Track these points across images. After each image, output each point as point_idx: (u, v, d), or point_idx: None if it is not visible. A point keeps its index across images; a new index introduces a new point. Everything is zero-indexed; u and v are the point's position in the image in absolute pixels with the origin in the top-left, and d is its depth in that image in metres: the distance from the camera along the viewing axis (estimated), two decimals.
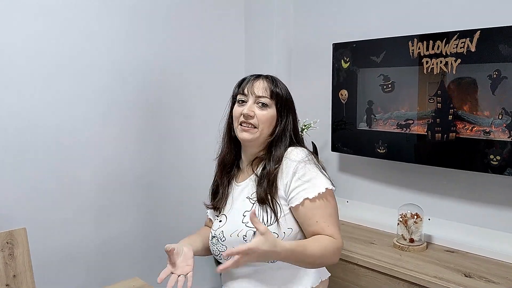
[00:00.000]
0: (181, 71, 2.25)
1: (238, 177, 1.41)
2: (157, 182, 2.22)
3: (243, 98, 1.34)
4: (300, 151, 1.30)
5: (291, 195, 1.25)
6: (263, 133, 1.32)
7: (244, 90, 1.34)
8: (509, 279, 1.51)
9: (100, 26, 1.96)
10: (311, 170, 1.26)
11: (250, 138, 1.31)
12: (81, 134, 1.94)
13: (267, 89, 1.32)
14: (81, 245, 1.98)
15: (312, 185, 1.24)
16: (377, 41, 1.89)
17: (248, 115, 1.30)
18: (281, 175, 1.27)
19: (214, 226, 1.37)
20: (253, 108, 1.31)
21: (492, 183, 1.71)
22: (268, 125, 1.32)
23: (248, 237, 1.24)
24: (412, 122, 1.81)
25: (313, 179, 1.25)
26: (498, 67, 1.54)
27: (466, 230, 1.80)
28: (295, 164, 1.26)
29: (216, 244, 1.33)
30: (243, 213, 1.30)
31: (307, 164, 1.27)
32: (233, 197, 1.37)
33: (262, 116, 1.31)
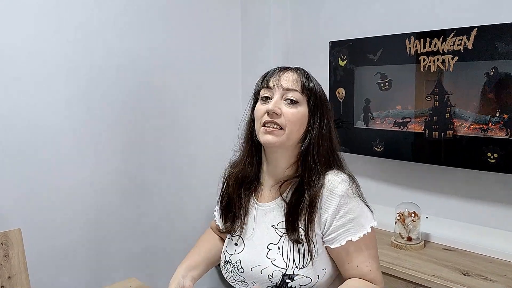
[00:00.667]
0: (177, 69, 2.24)
1: (260, 194, 1.15)
2: (153, 183, 2.21)
3: (267, 94, 1.08)
4: (343, 181, 1.05)
5: (331, 235, 1.04)
6: (291, 137, 1.06)
7: (269, 83, 1.09)
8: (507, 277, 1.51)
9: (96, 25, 1.94)
10: (356, 206, 1.04)
11: (275, 142, 1.05)
12: (77, 134, 1.93)
13: (297, 82, 1.07)
14: (77, 246, 1.97)
15: (357, 224, 1.04)
16: (374, 39, 1.88)
17: (273, 112, 1.04)
18: (319, 208, 1.04)
19: (228, 249, 1.15)
20: (280, 105, 1.05)
21: (490, 181, 1.71)
22: (298, 127, 1.06)
23: (275, 278, 1.04)
24: (409, 120, 1.81)
25: (358, 217, 1.04)
26: (495, 65, 1.53)
27: (464, 228, 1.79)
28: (338, 199, 1.03)
29: (231, 271, 1.13)
30: (267, 245, 1.08)
31: (352, 198, 1.04)
32: (255, 220, 1.13)
33: (290, 115, 1.05)
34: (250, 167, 1.14)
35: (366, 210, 1.06)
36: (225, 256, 1.16)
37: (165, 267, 2.26)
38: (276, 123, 1.05)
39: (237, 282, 1.13)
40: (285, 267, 1.04)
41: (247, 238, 1.13)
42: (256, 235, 1.12)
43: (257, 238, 1.11)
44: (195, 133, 2.35)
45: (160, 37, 2.16)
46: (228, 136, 2.50)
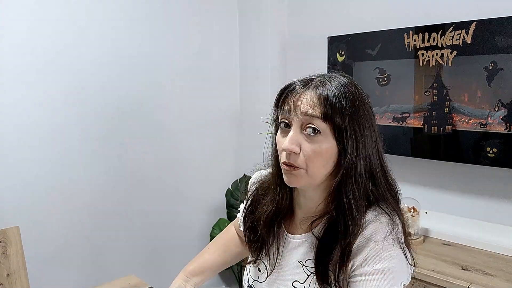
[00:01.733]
0: (174, 65, 2.23)
1: (290, 224, 1.00)
2: (152, 179, 2.20)
3: (286, 119, 0.87)
4: (382, 225, 0.86)
5: (356, 279, 0.86)
6: (317, 175, 0.87)
7: (284, 108, 0.86)
8: (506, 271, 1.51)
9: (92, 25, 1.93)
10: (394, 255, 0.85)
11: (296, 184, 0.89)
12: (74, 132, 1.92)
13: (316, 106, 0.83)
14: (75, 244, 1.96)
15: (388, 277, 0.85)
16: (372, 34, 1.88)
17: (290, 152, 0.85)
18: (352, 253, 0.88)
19: (251, 272, 1.04)
20: (299, 139, 0.85)
21: (489, 176, 1.71)
22: (324, 163, 0.86)
23: None
24: (408, 115, 1.80)
25: (393, 269, 0.85)
26: (494, 59, 1.53)
27: (463, 223, 1.79)
28: (372, 245, 0.85)
29: None
30: (292, 282, 0.96)
31: (390, 245, 0.85)
32: (283, 251, 0.99)
33: (311, 152, 0.84)
34: (283, 197, 0.97)
35: (405, 263, 0.87)
36: (248, 279, 1.06)
37: (164, 264, 2.26)
38: (293, 164, 0.86)
39: None
40: None
41: (271, 269, 1.00)
42: (281, 268, 0.99)
43: (282, 271, 0.98)
44: (194, 130, 2.34)
45: (157, 33, 2.15)
46: (227, 133, 2.50)
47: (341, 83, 0.86)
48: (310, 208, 0.94)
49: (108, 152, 2.03)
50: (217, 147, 2.45)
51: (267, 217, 0.98)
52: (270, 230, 0.99)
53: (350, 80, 0.89)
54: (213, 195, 2.45)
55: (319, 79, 0.87)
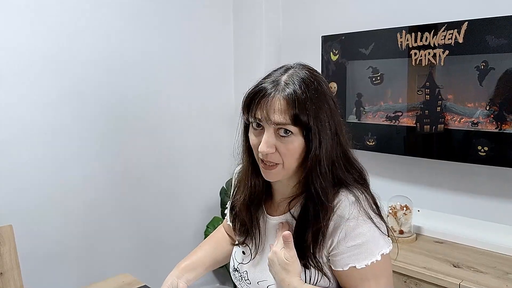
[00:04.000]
0: (169, 64, 2.23)
1: (270, 206, 1.08)
2: (146, 178, 2.20)
3: (257, 126, 0.96)
4: (353, 203, 0.94)
5: (336, 258, 0.95)
6: (291, 167, 0.96)
7: (258, 115, 0.94)
8: (497, 268, 1.53)
9: (88, 24, 1.93)
10: (366, 231, 0.93)
11: (276, 179, 0.98)
12: (68, 131, 1.92)
13: (288, 112, 0.91)
14: (70, 242, 1.96)
15: (364, 251, 0.93)
16: (366, 33, 1.89)
17: (266, 154, 0.94)
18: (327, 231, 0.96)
19: (237, 256, 1.11)
20: (273, 141, 0.93)
21: (480, 174, 1.73)
22: (297, 157, 0.95)
23: None
24: (401, 114, 1.82)
25: (367, 243, 0.93)
26: (486, 58, 1.54)
27: (454, 221, 1.81)
28: (346, 223, 0.93)
29: (239, 280, 1.10)
30: None
31: (362, 222, 0.93)
32: (265, 232, 1.07)
33: (285, 150, 0.93)
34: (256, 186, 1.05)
35: (378, 235, 0.94)
36: (234, 263, 1.12)
37: (159, 262, 2.27)
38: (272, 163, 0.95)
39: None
40: None
41: (254, 250, 1.08)
42: (263, 248, 1.06)
43: (265, 252, 1.05)
44: (188, 128, 2.34)
45: (152, 33, 2.15)
46: (222, 131, 2.51)
47: (303, 79, 0.94)
48: (285, 191, 1.03)
49: (102, 151, 2.03)
50: (211, 146, 2.45)
51: (242, 203, 1.07)
52: (249, 214, 1.06)
53: (310, 72, 0.97)
54: (207, 194, 2.46)
55: (284, 79, 0.94)
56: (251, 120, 0.96)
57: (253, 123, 0.97)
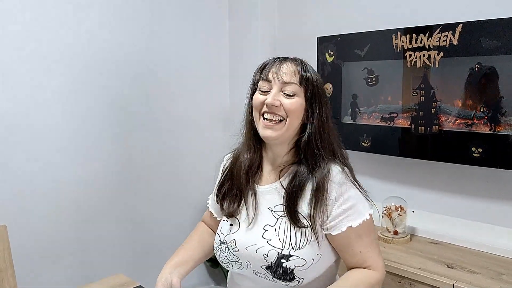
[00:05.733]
0: (163, 64, 2.23)
1: (259, 178, 1.19)
2: (141, 178, 2.20)
3: (266, 87, 1.10)
4: (341, 171, 1.09)
5: (332, 223, 1.07)
6: (291, 127, 1.09)
7: (268, 75, 1.10)
8: (490, 269, 1.54)
9: (84, 23, 1.92)
10: (354, 194, 1.09)
11: (275, 136, 1.08)
12: (62, 131, 1.91)
13: (296, 74, 1.09)
14: (64, 242, 1.95)
15: (356, 211, 1.08)
16: (361, 34, 1.89)
17: (272, 105, 1.06)
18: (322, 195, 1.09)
19: (223, 230, 1.18)
20: (279, 97, 1.08)
21: (474, 175, 1.74)
22: (297, 117, 1.09)
23: (270, 257, 1.07)
24: (396, 115, 1.83)
25: (357, 204, 1.08)
26: (480, 60, 1.55)
27: (449, 222, 1.82)
28: (337, 188, 1.07)
29: (225, 251, 1.15)
30: (263, 226, 1.12)
31: (350, 187, 1.09)
32: (254, 202, 1.16)
33: (290, 105, 1.07)
34: (255, 153, 1.17)
35: (363, 198, 1.10)
36: (220, 237, 1.17)
37: (153, 262, 2.26)
38: (276, 114, 1.08)
39: (230, 263, 1.15)
40: (281, 247, 1.07)
41: (243, 220, 1.16)
42: (252, 216, 1.14)
43: (254, 219, 1.14)
44: (184, 128, 2.34)
45: (146, 33, 2.15)
46: (217, 132, 2.50)
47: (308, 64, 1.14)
48: (276, 160, 1.15)
49: (96, 151, 2.02)
50: (206, 146, 2.45)
51: (244, 168, 1.16)
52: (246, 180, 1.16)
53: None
54: (202, 194, 2.43)
55: (293, 57, 1.14)
56: (261, 83, 1.11)
57: (261, 88, 1.11)
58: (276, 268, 1.06)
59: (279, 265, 1.06)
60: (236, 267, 1.14)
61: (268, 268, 1.08)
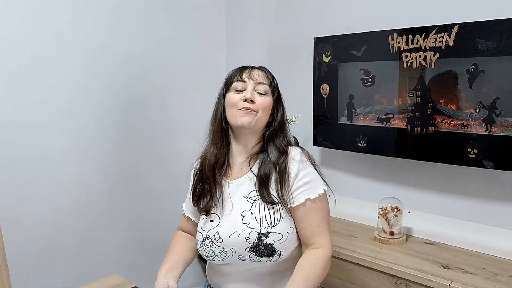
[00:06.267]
0: (161, 65, 2.23)
1: (230, 174, 1.34)
2: (138, 179, 2.19)
3: (240, 86, 1.29)
4: (298, 151, 1.30)
5: (293, 195, 1.25)
6: (261, 120, 1.28)
7: (243, 76, 1.30)
8: (486, 270, 1.54)
9: (82, 23, 1.92)
10: (311, 171, 1.28)
11: (250, 121, 1.25)
12: (58, 131, 1.90)
13: (266, 77, 1.32)
14: (59, 243, 1.94)
15: (313, 186, 1.26)
16: (357, 35, 1.90)
17: (250, 100, 1.25)
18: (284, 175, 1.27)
19: (205, 227, 1.29)
20: (254, 94, 1.27)
21: (470, 176, 1.74)
22: (267, 113, 1.29)
23: (252, 238, 1.21)
24: (392, 116, 1.83)
25: (313, 180, 1.27)
26: (476, 62, 1.56)
27: (445, 222, 1.82)
28: (297, 164, 1.26)
29: (209, 245, 1.27)
30: (241, 213, 1.26)
31: (308, 164, 1.28)
32: (229, 196, 1.31)
33: (263, 102, 1.27)
34: (221, 149, 1.32)
35: (318, 176, 1.30)
36: (202, 234, 1.29)
37: (149, 263, 2.25)
38: (251, 108, 1.25)
39: (216, 254, 1.26)
40: (259, 227, 1.21)
41: (221, 213, 1.28)
42: (230, 208, 1.28)
43: (231, 210, 1.27)
44: (181, 129, 2.33)
45: (143, 35, 2.14)
46: None
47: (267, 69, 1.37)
48: (247, 152, 1.32)
49: (93, 152, 2.02)
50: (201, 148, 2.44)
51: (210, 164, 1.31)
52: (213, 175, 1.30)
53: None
54: None
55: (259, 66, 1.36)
56: (236, 83, 1.29)
57: (236, 88, 1.29)
58: (258, 247, 1.20)
59: (260, 243, 1.20)
60: (221, 257, 1.25)
61: (251, 249, 1.21)
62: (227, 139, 1.34)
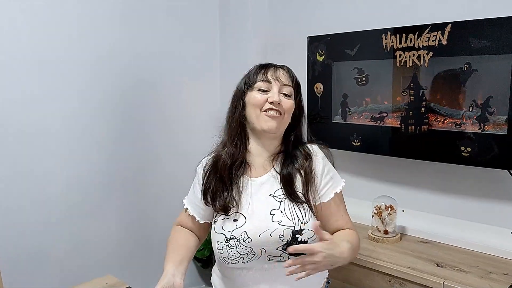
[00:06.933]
0: (154, 65, 2.21)
1: (250, 172, 1.29)
2: (130, 178, 2.18)
3: (264, 87, 1.26)
4: (320, 147, 1.34)
5: (322, 192, 1.27)
6: (285, 123, 1.28)
7: (268, 76, 1.26)
8: (479, 268, 1.55)
9: (76, 23, 1.90)
10: (331, 167, 1.32)
11: (276, 126, 1.24)
12: (53, 131, 1.88)
13: (290, 78, 1.29)
14: (52, 243, 1.93)
15: (336, 180, 1.31)
16: (351, 34, 1.90)
17: (277, 103, 1.22)
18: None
19: (227, 227, 1.22)
20: (279, 96, 1.25)
21: (464, 174, 1.75)
22: (291, 114, 1.28)
23: (286, 236, 1.18)
24: (386, 115, 1.83)
25: (335, 174, 1.32)
26: (469, 60, 1.56)
27: (438, 221, 1.83)
28: (322, 161, 1.29)
29: (235, 246, 1.19)
30: (270, 211, 1.22)
31: (327, 161, 1.31)
32: (251, 194, 1.26)
33: (289, 105, 1.26)
34: (239, 149, 1.27)
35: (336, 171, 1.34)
36: (225, 235, 1.21)
37: (142, 263, 2.24)
38: (278, 110, 1.23)
39: (241, 256, 1.19)
40: (293, 224, 1.19)
41: (245, 212, 1.23)
42: (256, 206, 1.23)
43: (257, 208, 1.23)
44: (175, 129, 2.32)
45: (137, 35, 2.12)
46: (207, 131, 2.48)
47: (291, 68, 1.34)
48: (269, 152, 1.30)
49: (86, 152, 2.00)
50: (197, 146, 2.42)
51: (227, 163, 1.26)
52: (231, 177, 1.26)
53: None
54: None
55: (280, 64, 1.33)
56: (261, 83, 1.25)
57: (260, 87, 1.25)
58: (293, 245, 1.14)
59: (295, 241, 1.17)
60: (247, 258, 1.20)
61: (284, 248, 1.18)
62: (246, 138, 1.30)
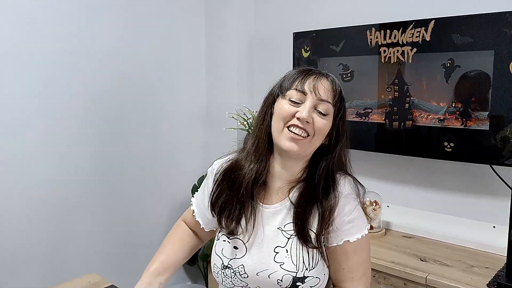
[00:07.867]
0: (139, 63, 2.19)
1: (263, 196, 1.08)
2: (116, 176, 2.16)
3: (297, 98, 1.01)
4: (348, 182, 1.05)
5: (331, 234, 1.02)
6: (314, 145, 1.02)
7: (304, 87, 1.01)
8: (462, 261, 1.57)
9: (65, 21, 1.87)
10: (356, 208, 1.04)
11: (297, 150, 1.00)
12: (35, 129, 1.85)
13: (331, 93, 1.02)
14: (36, 242, 1.90)
15: (355, 226, 1.03)
16: (336, 30, 1.90)
17: (305, 121, 0.98)
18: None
19: (227, 253, 1.07)
20: (312, 111, 0.99)
21: (447, 170, 1.76)
22: (323, 136, 1.03)
23: (285, 282, 1.00)
24: (370, 110, 1.84)
25: (358, 218, 1.03)
26: (452, 56, 1.58)
27: (422, 216, 1.85)
28: (344, 200, 1.02)
29: (230, 277, 1.06)
30: (274, 248, 1.04)
31: (352, 200, 1.03)
32: (262, 222, 1.07)
33: (322, 125, 1.00)
34: (263, 166, 1.06)
35: (363, 212, 1.06)
36: (223, 261, 1.07)
37: (127, 261, 2.22)
38: (304, 129, 0.99)
39: (236, 287, 1.07)
40: (295, 270, 1.01)
41: (249, 242, 1.06)
42: (261, 238, 1.05)
43: (262, 241, 1.05)
44: (160, 126, 2.31)
45: (124, 32, 2.10)
46: (193, 129, 2.48)
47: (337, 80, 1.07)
48: (289, 177, 1.06)
49: (70, 150, 1.97)
50: (182, 144, 2.42)
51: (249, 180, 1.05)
52: (246, 196, 1.05)
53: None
54: (179, 191, 2.43)
55: (325, 73, 1.06)
56: (294, 92, 1.01)
57: (292, 97, 1.01)
58: None
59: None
60: None
61: None
62: (271, 153, 1.07)
